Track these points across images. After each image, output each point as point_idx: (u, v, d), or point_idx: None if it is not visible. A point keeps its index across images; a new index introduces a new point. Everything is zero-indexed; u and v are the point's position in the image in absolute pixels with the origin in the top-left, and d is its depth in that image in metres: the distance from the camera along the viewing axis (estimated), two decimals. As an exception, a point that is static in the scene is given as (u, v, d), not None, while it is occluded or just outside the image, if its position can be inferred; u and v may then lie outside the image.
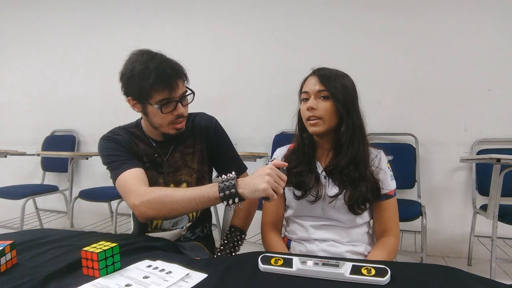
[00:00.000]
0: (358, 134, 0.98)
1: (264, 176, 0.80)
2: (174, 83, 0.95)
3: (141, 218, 0.90)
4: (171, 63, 0.97)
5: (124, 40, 2.95)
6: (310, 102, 0.97)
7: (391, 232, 1.00)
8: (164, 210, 0.87)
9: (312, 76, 1.01)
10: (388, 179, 1.02)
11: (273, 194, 0.80)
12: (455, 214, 2.31)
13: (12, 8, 3.30)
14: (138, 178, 0.94)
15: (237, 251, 1.08)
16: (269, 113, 2.64)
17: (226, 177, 0.85)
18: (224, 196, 0.82)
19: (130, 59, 0.98)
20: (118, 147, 1.02)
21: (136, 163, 1.00)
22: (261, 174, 0.81)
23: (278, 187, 0.81)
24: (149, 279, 0.63)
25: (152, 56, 0.96)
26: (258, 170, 0.84)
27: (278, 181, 0.81)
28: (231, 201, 0.82)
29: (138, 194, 0.89)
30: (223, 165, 1.17)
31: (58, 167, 3.02)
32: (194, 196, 0.85)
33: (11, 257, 0.68)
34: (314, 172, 1.02)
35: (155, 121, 1.01)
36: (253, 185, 0.80)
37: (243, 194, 0.81)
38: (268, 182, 0.79)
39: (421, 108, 2.35)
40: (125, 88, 0.99)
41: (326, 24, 2.51)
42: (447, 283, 0.62)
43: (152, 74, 0.92)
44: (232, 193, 0.81)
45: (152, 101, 0.96)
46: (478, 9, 2.24)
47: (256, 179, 0.81)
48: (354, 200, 0.96)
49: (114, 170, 0.97)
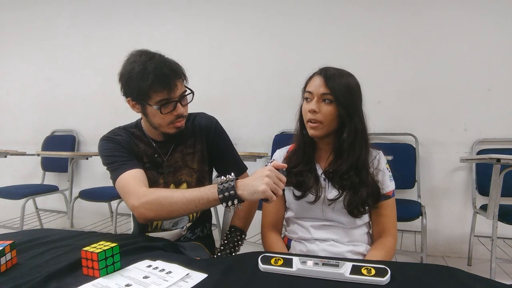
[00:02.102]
0: (360, 139, 0.97)
1: (264, 178, 0.80)
2: (172, 83, 0.95)
3: (141, 219, 0.90)
4: (169, 64, 0.97)
5: (124, 40, 2.95)
6: (312, 105, 0.96)
7: (389, 232, 1.00)
8: (163, 212, 0.87)
9: (318, 75, 0.98)
10: (387, 180, 1.02)
11: (272, 196, 0.79)
12: (455, 214, 2.31)
13: (12, 8, 3.30)
14: (137, 179, 0.94)
15: (237, 251, 1.08)
16: (269, 113, 2.64)
17: (226, 178, 0.85)
18: (223, 198, 0.82)
19: (129, 60, 0.98)
20: (118, 148, 1.02)
21: (136, 163, 1.00)
22: (260, 175, 0.81)
23: (277, 189, 0.80)
24: (149, 279, 0.63)
25: (150, 56, 0.96)
26: (257, 172, 0.83)
27: (278, 183, 0.81)
28: (230, 202, 0.82)
29: (137, 196, 0.89)
30: (223, 165, 1.16)
31: (58, 167, 3.02)
32: (193, 198, 0.85)
33: (11, 257, 0.68)
34: (314, 173, 1.02)
35: (155, 122, 1.01)
36: (252, 187, 0.80)
37: (242, 195, 0.81)
38: (268, 183, 0.79)
39: (421, 108, 2.35)
40: (124, 89, 0.99)
41: (326, 24, 2.51)
42: (447, 283, 0.62)
43: (151, 75, 0.92)
44: (231, 194, 0.81)
45: (151, 102, 0.96)
46: (478, 9, 2.24)
47: (255, 180, 0.81)
48: (354, 205, 0.96)
49: (114, 171, 0.97)
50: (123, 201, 0.96)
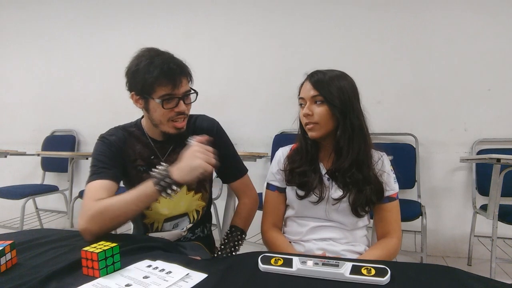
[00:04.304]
0: (358, 134, 0.97)
1: (194, 153, 0.84)
2: (178, 79, 0.95)
3: (87, 235, 0.85)
4: (177, 60, 0.98)
5: (124, 40, 2.95)
6: (305, 109, 0.98)
7: (394, 234, 1.01)
8: (107, 221, 0.85)
9: (307, 81, 1.01)
10: (392, 181, 1.02)
11: (208, 166, 0.83)
12: (455, 214, 2.31)
13: (12, 8, 3.30)
14: (101, 190, 0.91)
15: (237, 251, 1.08)
16: (269, 113, 2.64)
17: (158, 169, 0.86)
18: (161, 188, 0.83)
19: (137, 55, 0.98)
20: (105, 151, 1.01)
21: (111, 173, 0.97)
22: (190, 154, 0.85)
23: (210, 159, 0.85)
24: (149, 279, 0.63)
25: (159, 52, 0.97)
26: (185, 153, 0.86)
27: (208, 154, 0.85)
28: (169, 190, 0.83)
29: (84, 210, 0.87)
30: (224, 167, 1.16)
31: (58, 167, 3.02)
32: (132, 198, 0.85)
33: (11, 257, 0.68)
34: (318, 173, 1.02)
35: (156, 117, 1.00)
36: (188, 166, 0.83)
37: (181, 178, 0.83)
38: (200, 157, 0.83)
39: (421, 108, 2.35)
40: (130, 83, 0.99)
41: (326, 24, 2.51)
42: (447, 283, 0.62)
43: (157, 68, 0.93)
44: (168, 182, 0.83)
45: (155, 95, 0.95)
46: (478, 9, 2.24)
47: (187, 160, 0.84)
48: (359, 203, 0.97)
49: (90, 175, 0.97)
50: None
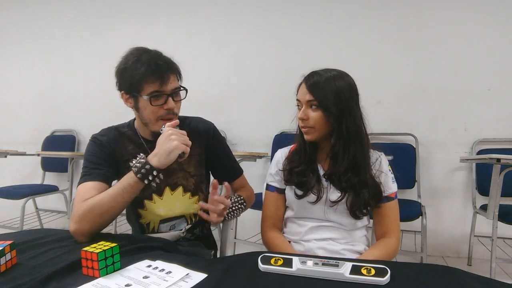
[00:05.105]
0: (355, 139, 0.96)
1: (169, 137, 0.87)
2: (165, 75, 0.95)
3: (79, 236, 0.85)
4: (164, 57, 0.98)
5: (124, 40, 2.93)
6: (301, 113, 0.98)
7: (393, 234, 1.00)
8: (97, 218, 0.85)
9: (303, 83, 0.99)
10: (389, 181, 1.02)
11: (185, 148, 0.87)
12: (455, 214, 2.31)
13: (12, 8, 3.30)
14: (91, 191, 0.91)
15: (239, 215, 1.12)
16: (269, 113, 2.64)
17: (136, 159, 0.88)
18: (142, 176, 0.85)
19: (126, 54, 0.99)
20: (96, 152, 1.01)
21: (101, 174, 0.97)
22: (165, 138, 0.87)
23: (185, 140, 0.88)
24: (149, 279, 0.63)
25: (147, 50, 0.98)
26: (160, 139, 0.89)
27: (182, 136, 0.89)
28: (151, 177, 0.86)
29: (73, 212, 0.87)
30: (220, 169, 1.17)
31: (58, 167, 3.02)
32: (117, 191, 0.86)
33: (11, 257, 0.68)
34: (316, 173, 1.02)
35: (145, 116, 0.99)
36: (165, 150, 0.86)
37: (160, 162, 0.86)
38: (176, 139, 0.86)
39: (421, 108, 2.35)
40: (119, 82, 0.99)
41: (326, 24, 2.51)
42: (447, 283, 0.62)
43: (144, 65, 0.93)
44: (148, 169, 0.85)
45: (143, 93, 0.95)
46: (478, 9, 2.24)
47: (164, 144, 0.87)
48: (357, 207, 0.97)
49: (80, 177, 0.97)
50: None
